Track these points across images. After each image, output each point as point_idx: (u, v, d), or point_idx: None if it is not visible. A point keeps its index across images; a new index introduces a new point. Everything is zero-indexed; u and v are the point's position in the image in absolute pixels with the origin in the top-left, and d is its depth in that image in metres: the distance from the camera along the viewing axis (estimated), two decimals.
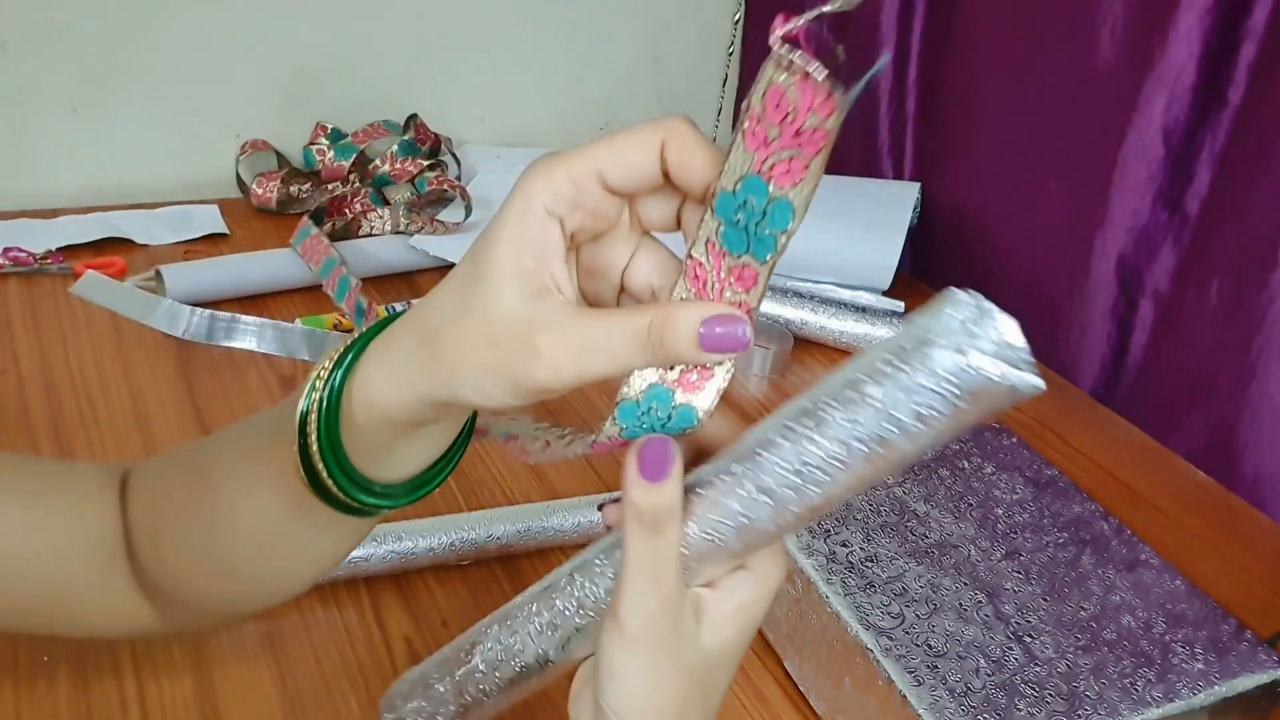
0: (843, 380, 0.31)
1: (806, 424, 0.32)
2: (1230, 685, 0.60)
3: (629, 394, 0.35)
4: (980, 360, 0.28)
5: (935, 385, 0.29)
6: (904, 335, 0.30)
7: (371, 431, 0.37)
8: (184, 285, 0.96)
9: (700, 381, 0.35)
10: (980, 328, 0.28)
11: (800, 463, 0.32)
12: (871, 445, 0.30)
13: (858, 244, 1.09)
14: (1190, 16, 0.88)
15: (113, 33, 1.12)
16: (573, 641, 0.40)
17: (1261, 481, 0.88)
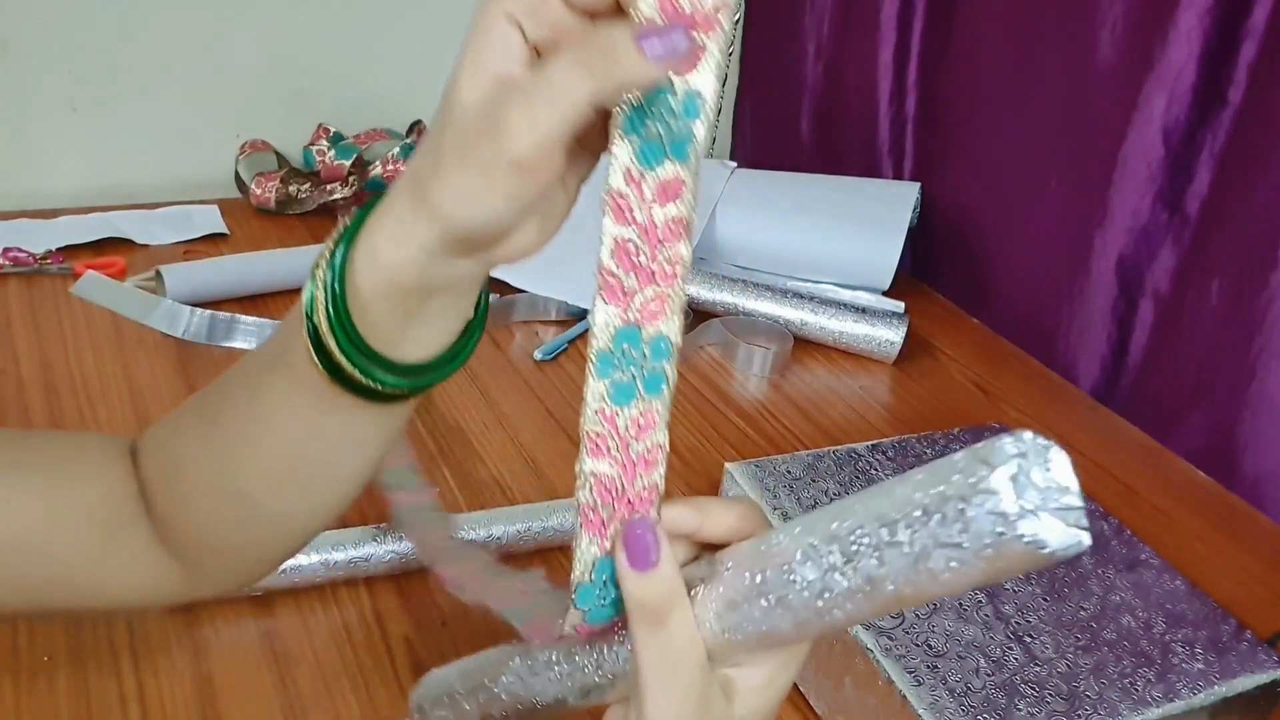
0: (876, 514, 0.30)
1: (835, 556, 0.31)
2: (1230, 685, 0.60)
3: (580, 577, 0.35)
4: (1023, 527, 0.26)
5: (971, 545, 0.27)
6: (946, 475, 0.28)
7: (383, 306, 0.36)
8: (184, 285, 0.96)
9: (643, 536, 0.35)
10: (1025, 484, 0.27)
11: (824, 589, 0.32)
12: (899, 586, 0.30)
13: (858, 244, 1.09)
14: (1190, 16, 0.88)
15: (113, 33, 1.12)
16: (593, 694, 0.41)
17: (1261, 481, 0.88)
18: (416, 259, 0.34)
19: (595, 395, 0.34)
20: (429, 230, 0.34)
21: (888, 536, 0.29)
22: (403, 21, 1.26)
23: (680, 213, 0.33)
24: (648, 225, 0.33)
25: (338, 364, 0.36)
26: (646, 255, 0.33)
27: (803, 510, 0.68)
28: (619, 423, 0.35)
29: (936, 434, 0.80)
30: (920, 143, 1.22)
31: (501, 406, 0.89)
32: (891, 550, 0.29)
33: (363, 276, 0.35)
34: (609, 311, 0.34)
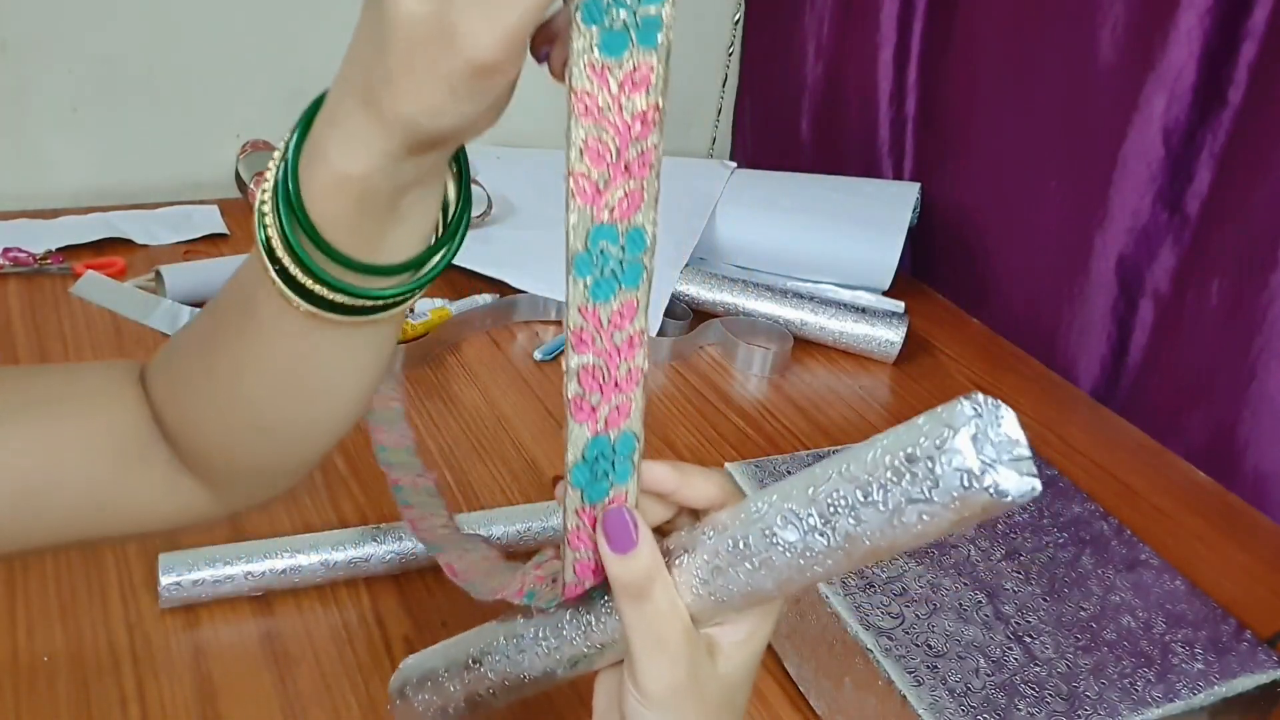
0: (849, 477, 0.32)
1: (813, 518, 0.33)
2: (1230, 685, 0.60)
3: (575, 458, 0.37)
4: (986, 480, 0.29)
5: (940, 499, 0.30)
6: (912, 439, 0.31)
7: (357, 216, 0.35)
8: (184, 285, 0.96)
9: (625, 407, 0.36)
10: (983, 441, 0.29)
11: (805, 549, 0.34)
12: (874, 540, 0.32)
13: (858, 244, 1.09)
14: (1190, 16, 0.88)
15: (113, 33, 1.12)
16: (581, 664, 0.42)
17: (1261, 481, 0.88)
18: (382, 166, 0.33)
19: (575, 295, 0.34)
20: (389, 139, 0.32)
21: (862, 497, 0.32)
22: None
23: (651, 102, 0.31)
24: (617, 120, 0.31)
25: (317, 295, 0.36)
26: (618, 151, 0.32)
27: None
28: (600, 315, 0.35)
29: None
30: (920, 143, 1.22)
31: (501, 406, 0.89)
32: (867, 509, 0.32)
33: (326, 197, 0.34)
34: (583, 212, 0.33)
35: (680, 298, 1.06)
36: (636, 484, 0.38)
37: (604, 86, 0.31)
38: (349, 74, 0.33)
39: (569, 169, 0.32)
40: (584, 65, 0.31)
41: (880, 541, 0.32)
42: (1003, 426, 0.29)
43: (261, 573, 0.65)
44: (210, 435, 0.43)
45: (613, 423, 0.36)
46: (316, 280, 0.35)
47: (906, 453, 0.31)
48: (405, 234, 0.36)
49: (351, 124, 0.33)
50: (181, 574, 0.63)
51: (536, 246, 1.08)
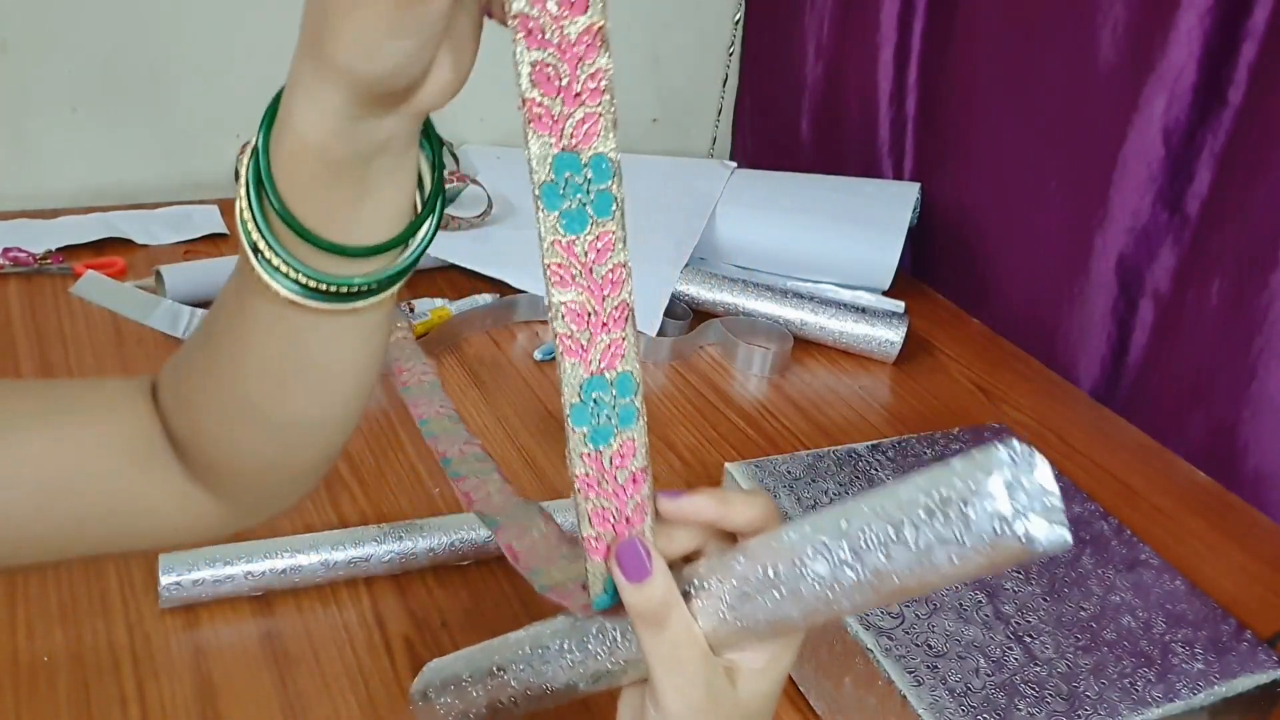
0: (882, 513, 0.33)
1: (844, 551, 0.34)
2: (1230, 685, 0.60)
3: (571, 397, 0.36)
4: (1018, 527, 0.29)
5: (971, 542, 0.30)
6: (946, 480, 0.31)
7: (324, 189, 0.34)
8: (184, 285, 0.96)
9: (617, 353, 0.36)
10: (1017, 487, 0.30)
11: (834, 581, 0.34)
12: (903, 578, 0.32)
13: (858, 244, 1.09)
14: (1190, 16, 0.88)
15: (113, 33, 1.12)
16: (604, 679, 0.42)
17: (1261, 481, 0.88)
18: (337, 127, 0.33)
19: (548, 229, 0.34)
20: (338, 93, 0.32)
21: (893, 534, 0.32)
22: None
23: (593, 21, 0.31)
24: (561, 43, 0.31)
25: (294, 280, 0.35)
26: (567, 75, 0.32)
27: (803, 510, 0.68)
28: (576, 250, 0.34)
29: (936, 434, 0.80)
30: (920, 143, 1.22)
31: (501, 406, 0.89)
32: (898, 546, 0.32)
33: (292, 163, 0.34)
34: (543, 141, 0.33)
35: (680, 298, 1.06)
36: (644, 431, 0.38)
37: (542, 8, 0.31)
38: (302, 37, 0.33)
39: (520, 94, 0.32)
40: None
41: (909, 580, 0.32)
42: (1036, 475, 0.30)
43: (261, 573, 0.65)
44: (216, 439, 0.43)
45: (607, 364, 0.36)
46: (287, 264, 0.35)
47: (940, 494, 0.31)
48: (375, 211, 0.36)
49: (306, 83, 0.33)
50: (181, 574, 0.63)
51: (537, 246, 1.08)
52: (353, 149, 0.34)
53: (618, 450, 0.37)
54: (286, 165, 0.34)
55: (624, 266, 0.35)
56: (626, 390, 0.37)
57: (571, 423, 0.36)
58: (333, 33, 0.31)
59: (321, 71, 0.32)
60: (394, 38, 0.30)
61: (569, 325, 0.35)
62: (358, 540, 0.67)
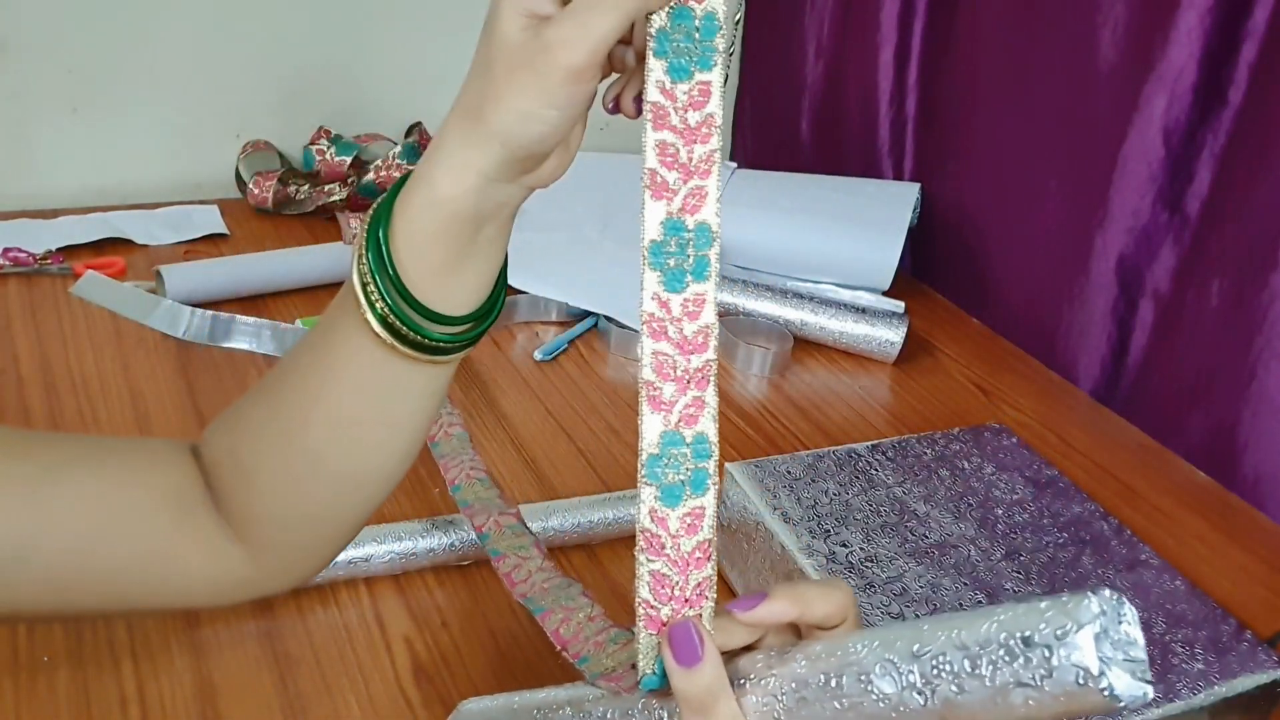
0: (958, 643, 0.32)
1: (914, 676, 0.33)
2: (1230, 685, 0.60)
3: (645, 669, 0.38)
4: (1101, 681, 0.29)
5: (1051, 689, 0.30)
6: (1032, 623, 0.31)
7: (439, 246, 0.39)
8: (184, 285, 0.96)
9: (696, 412, 0.39)
10: (1104, 640, 0.29)
11: (900, 703, 0.33)
12: (973, 711, 0.32)
13: (858, 244, 1.09)
14: (1190, 16, 0.88)
15: (113, 33, 1.12)
16: None
17: (1261, 481, 0.88)
18: (475, 186, 0.38)
19: (650, 283, 0.39)
20: (487, 155, 0.38)
21: (969, 667, 0.32)
22: (403, 23, 1.26)
23: (711, 113, 0.38)
24: (682, 129, 0.38)
25: (389, 322, 0.40)
26: (685, 153, 0.38)
27: (803, 510, 0.69)
28: (672, 306, 0.39)
29: (937, 434, 0.80)
30: (920, 143, 1.22)
31: (501, 406, 0.89)
32: (972, 680, 0.31)
33: (419, 216, 0.39)
34: (656, 207, 0.39)
35: None
36: (715, 502, 0.39)
37: (671, 102, 0.38)
38: (460, 103, 0.39)
39: (645, 167, 0.38)
40: (656, 85, 0.38)
41: (979, 714, 0.32)
42: (1124, 625, 0.30)
43: None
44: (266, 481, 0.45)
45: (686, 422, 0.39)
46: (392, 312, 0.40)
47: (1024, 635, 0.30)
48: (472, 277, 0.41)
49: (455, 144, 0.39)
50: None
51: (538, 248, 1.08)
52: (477, 209, 0.39)
53: (685, 515, 0.39)
54: (414, 214, 0.39)
55: (711, 330, 0.39)
56: (702, 454, 0.39)
57: (645, 477, 0.39)
58: (498, 100, 0.37)
59: (477, 133, 0.38)
60: (552, 106, 0.37)
61: (654, 374, 0.39)
62: (358, 540, 0.67)
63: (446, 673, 0.63)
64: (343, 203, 1.16)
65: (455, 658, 0.64)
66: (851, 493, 0.71)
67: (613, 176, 1.18)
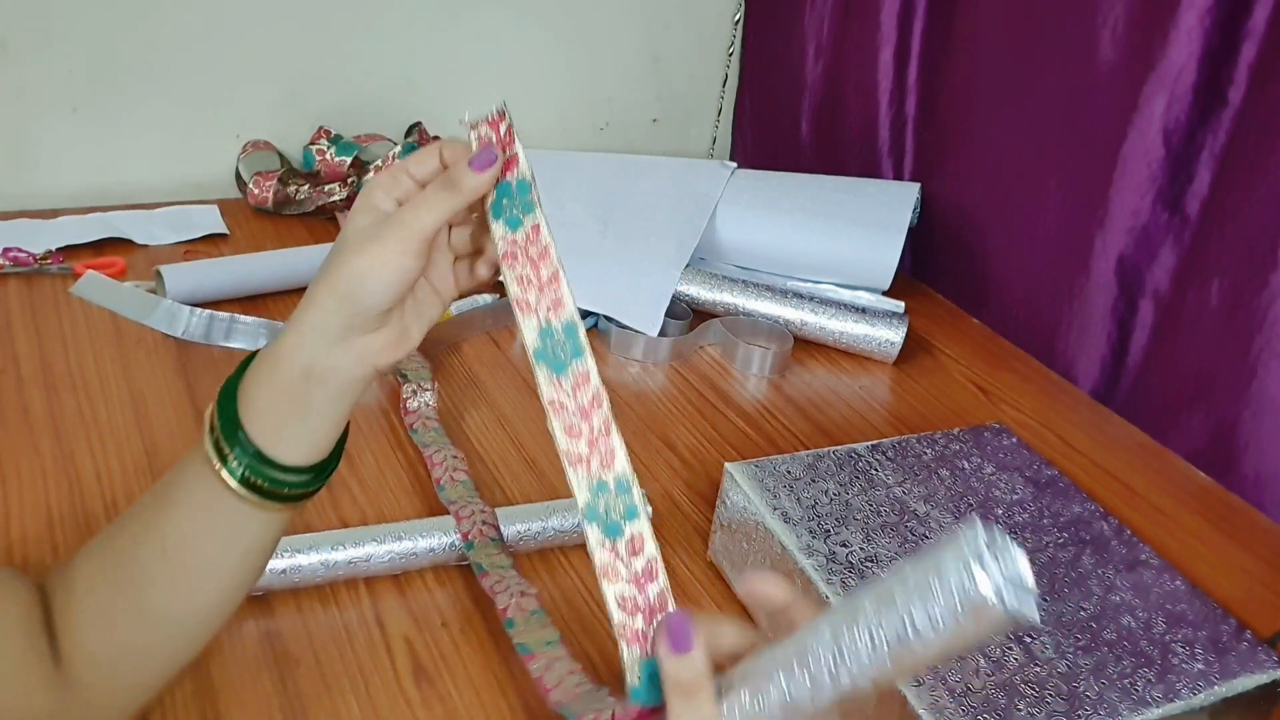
0: (877, 595, 0.37)
1: (847, 619, 0.37)
2: (1230, 685, 0.60)
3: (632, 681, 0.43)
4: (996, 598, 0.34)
5: (947, 605, 0.34)
6: (932, 562, 0.35)
7: (274, 395, 0.46)
8: (183, 285, 0.96)
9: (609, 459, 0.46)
10: (992, 561, 0.34)
11: (837, 649, 0.37)
12: (892, 643, 0.36)
13: (858, 244, 1.09)
14: (1190, 16, 0.88)
15: (113, 33, 1.12)
16: None
17: (1261, 481, 0.88)
18: (308, 342, 0.45)
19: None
20: (324, 310, 0.45)
21: (886, 607, 0.36)
22: (403, 23, 1.26)
23: (544, 245, 0.49)
24: (527, 261, 0.49)
25: (225, 459, 0.46)
26: (536, 278, 0.49)
27: (803, 510, 0.69)
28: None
29: (936, 434, 0.80)
30: (920, 143, 1.22)
31: (501, 406, 0.89)
32: (889, 615, 0.36)
33: (260, 369, 0.46)
34: (529, 322, 0.49)
35: (680, 298, 1.06)
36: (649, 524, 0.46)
37: (513, 245, 0.50)
38: (312, 281, 0.47)
39: (512, 299, 0.50)
40: (501, 239, 0.50)
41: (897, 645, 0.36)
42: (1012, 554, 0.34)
43: None
44: (94, 615, 0.47)
45: (605, 465, 0.46)
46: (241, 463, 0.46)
47: (925, 570, 0.35)
48: (306, 434, 0.47)
49: (300, 310, 0.46)
50: None
51: None
52: (309, 366, 0.46)
53: (628, 541, 0.45)
54: (255, 373, 0.47)
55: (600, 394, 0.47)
56: (624, 489, 0.46)
57: (586, 520, 0.45)
58: (340, 264, 0.46)
59: (318, 293, 0.46)
60: (383, 269, 0.45)
61: (566, 440, 0.47)
62: (358, 540, 0.67)
63: (446, 673, 0.63)
64: (343, 203, 1.16)
65: (455, 658, 0.64)
66: (851, 493, 0.71)
67: (612, 176, 1.18)
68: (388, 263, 0.45)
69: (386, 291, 0.46)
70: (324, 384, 0.46)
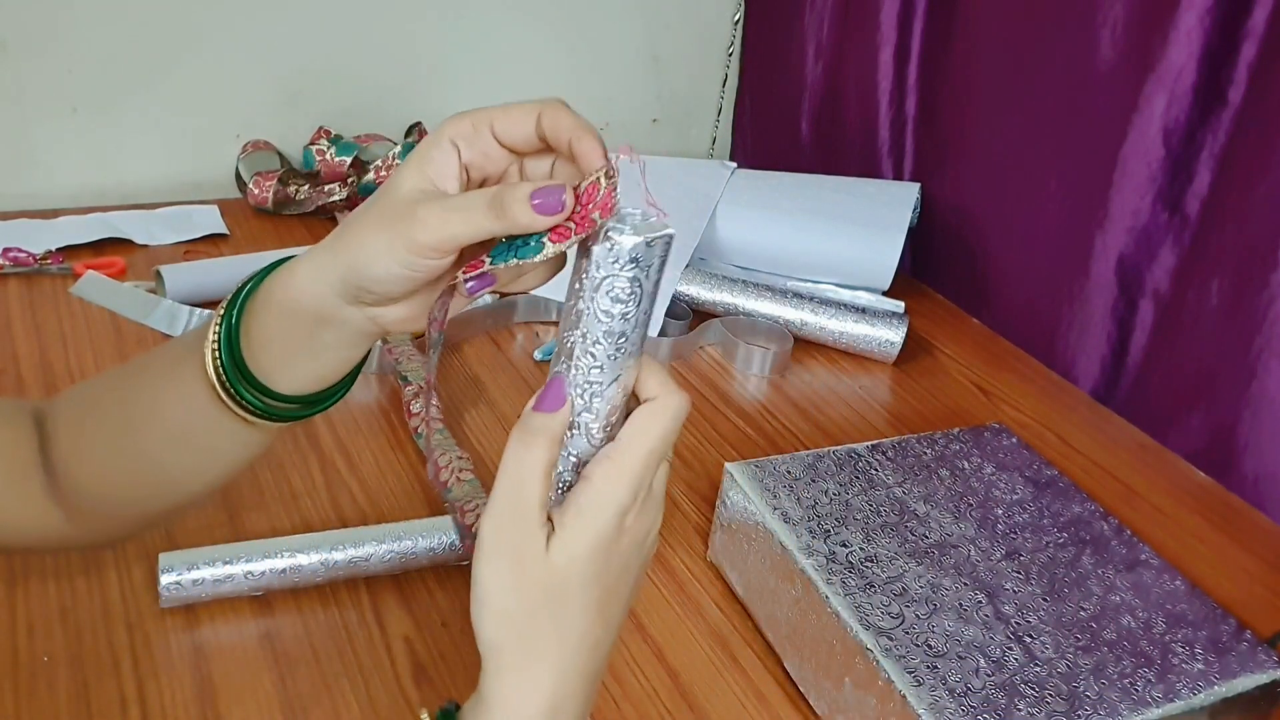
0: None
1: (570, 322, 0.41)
2: (1230, 685, 0.60)
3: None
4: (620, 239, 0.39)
5: (608, 268, 0.39)
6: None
7: (285, 329, 0.45)
8: (183, 285, 0.96)
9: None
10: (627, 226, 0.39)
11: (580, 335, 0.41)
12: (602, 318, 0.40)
13: (858, 244, 1.09)
14: (1190, 16, 0.88)
15: (113, 33, 1.12)
16: None
17: (1261, 481, 0.88)
18: (323, 293, 0.43)
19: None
20: (336, 270, 0.43)
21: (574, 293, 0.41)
22: (403, 23, 1.26)
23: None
24: None
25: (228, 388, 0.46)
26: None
27: (803, 510, 0.68)
28: None
29: (936, 434, 0.80)
30: (920, 143, 1.22)
31: (501, 406, 0.89)
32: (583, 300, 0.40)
33: (281, 298, 0.44)
34: None
35: (680, 298, 1.06)
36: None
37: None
38: (343, 222, 0.44)
39: None
40: None
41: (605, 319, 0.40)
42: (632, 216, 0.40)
43: (261, 573, 0.65)
44: (99, 464, 0.50)
45: None
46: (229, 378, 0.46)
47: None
48: (305, 371, 0.46)
49: (320, 249, 0.44)
50: (181, 574, 0.63)
51: None
52: (318, 310, 0.44)
53: None
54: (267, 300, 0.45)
55: None
56: None
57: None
58: (359, 233, 0.42)
59: (335, 247, 0.43)
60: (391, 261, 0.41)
61: None
62: (358, 540, 0.67)
63: (446, 673, 0.63)
64: (343, 203, 1.16)
65: (455, 658, 0.64)
66: (851, 493, 0.71)
67: None
68: (399, 258, 0.41)
69: (395, 284, 0.42)
70: (330, 329, 0.45)
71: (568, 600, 0.40)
